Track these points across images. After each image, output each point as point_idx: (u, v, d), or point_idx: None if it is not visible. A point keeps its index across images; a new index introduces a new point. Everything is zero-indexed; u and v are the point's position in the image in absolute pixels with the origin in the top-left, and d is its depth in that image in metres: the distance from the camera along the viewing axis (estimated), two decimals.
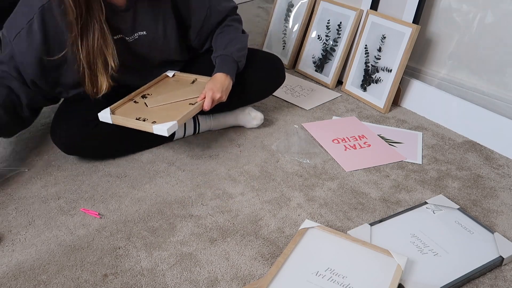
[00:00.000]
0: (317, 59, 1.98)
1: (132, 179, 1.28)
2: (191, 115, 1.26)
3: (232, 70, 1.34)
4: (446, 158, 1.45)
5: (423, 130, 1.61)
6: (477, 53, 1.61)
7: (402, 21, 1.67)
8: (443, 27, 1.69)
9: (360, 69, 1.82)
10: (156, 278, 0.97)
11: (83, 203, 1.18)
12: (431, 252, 1.04)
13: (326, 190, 1.27)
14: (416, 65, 1.80)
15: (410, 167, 1.39)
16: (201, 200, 1.21)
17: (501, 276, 1.01)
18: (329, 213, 1.18)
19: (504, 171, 1.39)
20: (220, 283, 0.96)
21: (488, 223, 1.17)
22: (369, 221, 1.15)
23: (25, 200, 1.18)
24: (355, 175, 1.34)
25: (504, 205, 1.24)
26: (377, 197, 1.25)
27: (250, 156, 1.41)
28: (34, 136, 1.47)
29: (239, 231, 1.11)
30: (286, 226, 1.13)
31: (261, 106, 1.71)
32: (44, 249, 1.03)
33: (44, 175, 1.28)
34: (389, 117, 1.69)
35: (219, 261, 1.02)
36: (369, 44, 1.78)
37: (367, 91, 1.79)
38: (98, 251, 1.03)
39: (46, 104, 1.31)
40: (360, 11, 1.84)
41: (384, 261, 0.97)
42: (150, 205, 1.18)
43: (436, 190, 1.29)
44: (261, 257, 1.03)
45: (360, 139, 1.53)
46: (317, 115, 1.69)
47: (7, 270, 0.97)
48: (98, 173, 1.30)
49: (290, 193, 1.25)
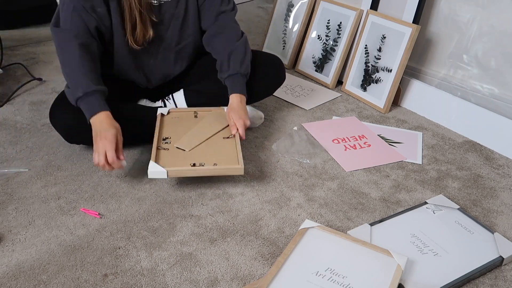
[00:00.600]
0: (317, 59, 1.98)
1: (132, 179, 1.28)
2: (240, 149, 1.26)
3: (243, 86, 1.38)
4: (446, 158, 1.45)
5: (423, 130, 1.61)
6: (477, 53, 1.61)
7: (402, 21, 1.67)
8: (443, 27, 1.69)
9: (360, 69, 1.82)
10: (156, 278, 0.97)
11: (83, 203, 1.18)
12: (431, 252, 1.04)
13: (326, 190, 1.27)
14: (416, 65, 1.80)
15: (410, 167, 1.39)
16: (201, 200, 1.21)
17: (501, 276, 1.01)
18: (329, 213, 1.18)
19: (504, 171, 1.39)
20: (220, 283, 0.96)
21: (488, 223, 1.17)
22: (369, 221, 1.15)
23: (25, 200, 1.18)
24: (355, 175, 1.34)
25: (504, 205, 1.24)
26: (377, 197, 1.25)
27: (250, 156, 1.41)
28: (34, 136, 1.47)
29: (239, 231, 1.11)
30: (286, 226, 1.13)
31: (261, 106, 1.71)
32: (44, 249, 1.03)
33: (44, 175, 1.28)
34: (389, 117, 1.69)
35: (219, 261, 1.02)
36: (369, 44, 1.78)
37: (367, 91, 1.79)
38: (98, 251, 1.03)
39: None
40: (360, 11, 1.84)
41: (384, 261, 0.97)
42: (150, 205, 1.18)
43: (436, 190, 1.29)
44: (261, 257, 1.03)
45: (360, 139, 1.53)
46: (317, 115, 1.69)
47: (7, 270, 0.97)
48: (98, 173, 1.30)
49: (290, 193, 1.25)
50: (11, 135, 1.47)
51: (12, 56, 2.09)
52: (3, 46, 1.91)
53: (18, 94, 1.74)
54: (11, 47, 2.20)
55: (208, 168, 1.19)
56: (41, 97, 1.73)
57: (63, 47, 1.24)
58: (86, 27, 1.24)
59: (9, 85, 1.80)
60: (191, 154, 1.25)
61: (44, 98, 1.72)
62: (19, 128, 1.51)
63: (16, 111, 1.62)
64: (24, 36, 2.38)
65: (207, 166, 1.19)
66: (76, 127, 1.28)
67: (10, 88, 1.77)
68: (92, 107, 1.21)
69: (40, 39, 2.36)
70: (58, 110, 1.29)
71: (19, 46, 2.24)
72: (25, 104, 1.67)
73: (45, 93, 1.76)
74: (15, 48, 2.21)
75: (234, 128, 1.30)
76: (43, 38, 2.36)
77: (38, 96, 1.74)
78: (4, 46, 1.97)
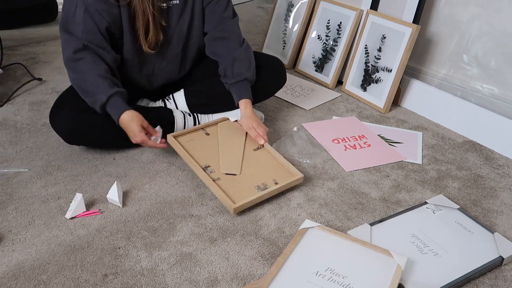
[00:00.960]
0: (317, 59, 1.98)
1: (132, 179, 1.28)
2: (283, 158, 1.30)
3: (249, 91, 1.40)
4: (446, 158, 1.45)
5: (423, 130, 1.61)
6: (477, 53, 1.61)
7: (402, 21, 1.67)
8: (443, 27, 1.69)
9: (360, 69, 1.82)
10: (156, 278, 0.97)
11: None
12: (431, 252, 1.04)
13: (326, 190, 1.27)
14: (416, 65, 1.80)
15: (410, 167, 1.39)
16: (201, 200, 1.21)
17: (501, 276, 1.01)
18: (329, 213, 1.18)
19: (504, 171, 1.39)
20: (220, 283, 0.96)
21: (488, 223, 1.17)
22: (369, 221, 1.15)
23: (25, 200, 1.18)
24: (355, 175, 1.34)
25: (504, 205, 1.24)
26: (377, 197, 1.25)
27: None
28: (34, 136, 1.47)
29: (239, 231, 1.11)
30: (286, 226, 1.13)
31: (261, 106, 1.71)
32: (44, 249, 1.03)
33: (44, 175, 1.28)
34: (389, 117, 1.69)
35: (219, 261, 1.02)
36: (369, 44, 1.78)
37: (367, 91, 1.79)
38: (98, 251, 1.03)
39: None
40: (360, 11, 1.84)
41: (384, 261, 0.97)
42: (150, 205, 1.18)
43: (436, 190, 1.29)
44: (261, 257, 1.03)
45: (360, 139, 1.53)
46: (317, 115, 1.69)
47: (7, 270, 0.97)
48: (98, 173, 1.30)
49: (290, 193, 1.25)
50: (11, 135, 1.47)
51: (12, 56, 2.09)
52: (3, 46, 1.91)
53: (18, 94, 1.74)
54: (11, 47, 2.20)
55: (275, 188, 1.19)
56: (41, 97, 1.73)
57: (78, 58, 1.24)
58: (97, 28, 1.24)
59: (9, 85, 1.80)
60: (243, 177, 1.24)
61: (44, 98, 1.72)
62: (19, 128, 1.51)
63: (16, 111, 1.62)
64: (24, 36, 2.38)
65: (272, 187, 1.19)
66: (75, 129, 1.28)
67: (10, 88, 1.77)
68: (115, 111, 1.25)
69: (40, 39, 2.36)
70: (58, 112, 1.30)
71: (19, 46, 2.24)
72: (25, 104, 1.67)
73: (45, 93, 1.76)
74: (15, 48, 2.21)
75: (261, 138, 1.35)
76: (43, 38, 2.36)
77: (38, 96, 1.74)
78: (4, 46, 1.97)
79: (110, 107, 1.25)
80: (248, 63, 1.40)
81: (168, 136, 1.35)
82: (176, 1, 1.32)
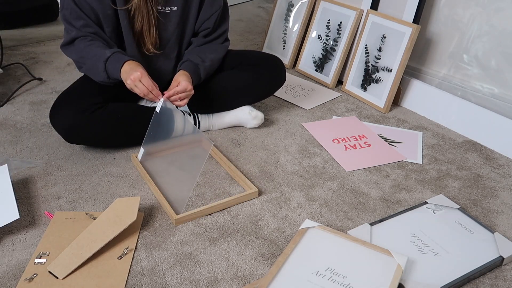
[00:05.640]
0: (317, 59, 1.98)
1: (132, 179, 1.28)
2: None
3: (195, 72, 1.36)
4: (446, 158, 1.45)
5: (423, 130, 1.61)
6: (477, 53, 1.61)
7: (402, 21, 1.67)
8: (443, 27, 1.69)
9: (360, 69, 1.82)
10: (156, 278, 0.97)
11: (83, 203, 1.18)
12: (431, 252, 1.04)
13: (326, 190, 1.27)
14: (416, 65, 1.80)
15: (410, 167, 1.39)
16: (201, 200, 1.21)
17: (501, 276, 1.01)
18: (329, 213, 1.18)
19: (504, 171, 1.39)
20: (220, 283, 0.96)
21: (488, 223, 1.17)
22: (369, 221, 1.15)
23: (25, 200, 1.18)
24: (355, 175, 1.34)
25: (504, 205, 1.24)
26: (377, 197, 1.25)
27: (250, 156, 1.41)
28: (34, 136, 1.47)
29: (239, 231, 1.11)
30: (286, 226, 1.13)
31: (261, 106, 1.71)
32: None
33: (44, 175, 1.28)
34: (389, 117, 1.69)
35: (219, 261, 1.02)
36: (369, 44, 1.78)
37: (367, 91, 1.79)
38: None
39: None
40: (360, 11, 1.84)
41: (384, 261, 0.97)
42: (150, 205, 1.18)
43: (436, 190, 1.29)
44: (261, 257, 1.03)
45: (360, 139, 1.53)
46: (317, 115, 1.69)
47: (7, 270, 0.97)
48: (98, 173, 1.30)
49: (290, 193, 1.25)
50: (11, 135, 1.47)
51: (12, 56, 2.09)
52: (3, 46, 1.91)
53: (18, 94, 1.74)
54: (11, 47, 2.21)
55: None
56: (41, 97, 1.73)
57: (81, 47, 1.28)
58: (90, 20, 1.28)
59: (9, 85, 1.80)
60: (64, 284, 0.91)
61: (44, 98, 1.72)
62: (19, 128, 1.51)
63: (16, 111, 1.62)
64: (24, 36, 2.38)
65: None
66: (76, 128, 1.28)
67: (10, 88, 1.77)
68: (120, 60, 1.25)
69: (40, 39, 2.36)
70: (59, 110, 1.30)
71: (19, 46, 2.24)
72: (25, 104, 1.67)
73: (45, 93, 1.76)
74: (15, 48, 2.21)
75: (175, 96, 1.29)
76: (43, 38, 2.37)
77: (38, 96, 1.74)
78: (4, 46, 1.97)
79: (114, 58, 1.25)
80: (211, 58, 1.41)
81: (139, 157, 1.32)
82: (174, 7, 1.35)
